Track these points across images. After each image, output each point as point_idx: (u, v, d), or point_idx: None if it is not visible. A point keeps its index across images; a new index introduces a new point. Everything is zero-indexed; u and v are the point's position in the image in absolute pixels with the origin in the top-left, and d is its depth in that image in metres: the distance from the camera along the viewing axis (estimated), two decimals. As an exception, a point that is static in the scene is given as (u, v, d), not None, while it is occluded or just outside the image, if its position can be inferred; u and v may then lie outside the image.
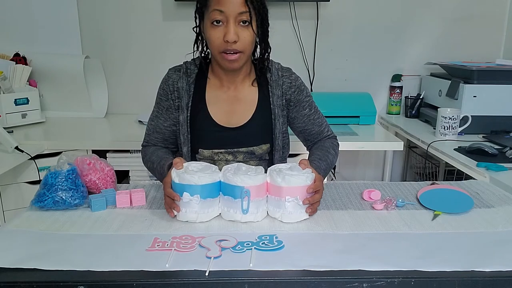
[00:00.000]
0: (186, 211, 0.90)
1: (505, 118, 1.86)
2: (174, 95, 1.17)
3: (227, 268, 0.72)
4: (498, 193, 1.10)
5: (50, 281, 0.69)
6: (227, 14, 1.00)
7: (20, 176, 1.67)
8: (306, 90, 1.22)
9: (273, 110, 1.17)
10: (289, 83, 1.18)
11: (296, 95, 1.19)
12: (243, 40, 1.03)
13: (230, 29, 1.00)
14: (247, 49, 1.05)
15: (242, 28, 1.02)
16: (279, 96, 1.17)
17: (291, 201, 0.89)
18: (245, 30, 1.03)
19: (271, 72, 1.17)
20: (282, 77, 1.18)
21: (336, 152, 1.22)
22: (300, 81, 1.21)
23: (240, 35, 1.02)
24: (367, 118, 2.11)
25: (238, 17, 1.00)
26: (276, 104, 1.17)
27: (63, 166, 0.98)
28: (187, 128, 1.17)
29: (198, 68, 1.18)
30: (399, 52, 2.33)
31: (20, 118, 1.95)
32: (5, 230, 0.88)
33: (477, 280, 0.70)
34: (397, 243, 0.82)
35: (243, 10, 1.00)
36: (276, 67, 1.19)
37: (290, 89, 1.18)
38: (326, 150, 1.18)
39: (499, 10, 2.28)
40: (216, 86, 1.18)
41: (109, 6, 2.21)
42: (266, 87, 1.17)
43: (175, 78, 1.17)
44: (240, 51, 1.04)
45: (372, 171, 2.51)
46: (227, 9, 0.99)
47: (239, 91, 1.17)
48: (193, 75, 1.17)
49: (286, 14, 2.22)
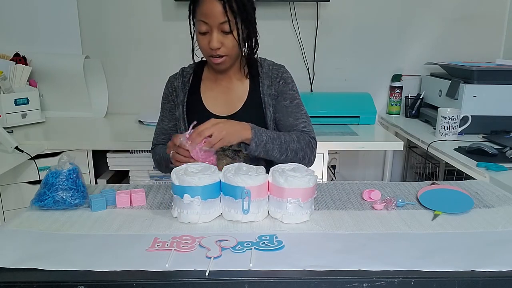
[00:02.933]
0: (187, 212, 0.90)
1: (505, 118, 1.85)
2: (173, 96, 1.28)
3: (227, 268, 0.72)
4: (498, 193, 1.10)
5: (50, 281, 0.69)
6: (210, 24, 1.10)
7: (20, 176, 1.67)
8: (292, 85, 1.26)
9: (263, 98, 1.23)
10: (277, 75, 1.25)
11: (281, 86, 1.24)
12: (226, 46, 1.13)
13: (213, 38, 1.11)
14: (231, 52, 1.14)
15: (225, 35, 1.12)
16: (269, 86, 1.24)
17: (292, 202, 0.89)
18: (228, 37, 1.12)
19: (262, 66, 1.25)
20: (273, 70, 1.25)
21: (301, 142, 1.16)
22: (289, 75, 1.27)
23: (224, 42, 1.12)
24: (367, 118, 2.11)
25: (219, 26, 1.10)
26: (266, 93, 1.23)
27: (64, 166, 0.98)
28: (184, 123, 1.25)
29: (193, 70, 1.28)
30: (399, 52, 2.33)
31: (20, 118, 1.95)
32: (5, 230, 0.88)
33: (477, 280, 0.70)
34: (397, 243, 0.82)
35: (223, 20, 1.09)
36: (268, 63, 1.27)
37: (277, 80, 1.24)
38: (287, 133, 1.17)
39: (499, 10, 2.28)
40: (210, 80, 1.27)
41: (109, 6, 2.21)
42: (257, 79, 1.25)
43: (173, 81, 1.29)
44: (224, 55, 1.14)
45: (372, 171, 2.51)
46: (209, 20, 1.09)
47: (232, 83, 1.25)
48: (188, 75, 1.28)
49: (286, 14, 2.22)
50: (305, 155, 1.17)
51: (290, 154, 1.14)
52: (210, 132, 1.02)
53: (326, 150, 1.81)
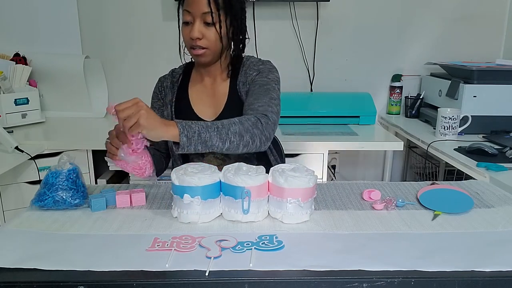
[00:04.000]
0: (187, 212, 0.90)
1: (505, 118, 1.86)
2: (162, 94, 1.28)
3: (227, 268, 0.72)
4: (498, 193, 1.10)
5: (50, 281, 0.69)
6: (193, 14, 1.10)
7: (20, 176, 1.67)
8: (268, 74, 1.19)
9: (241, 98, 1.20)
10: (255, 69, 1.21)
11: (254, 77, 1.20)
12: (207, 38, 1.11)
13: (194, 27, 1.10)
14: (212, 46, 1.12)
15: (207, 27, 1.11)
16: (244, 83, 1.20)
17: (292, 202, 0.89)
18: (210, 29, 1.11)
19: (244, 65, 1.23)
20: (252, 66, 1.21)
21: (245, 123, 1.02)
22: (267, 67, 1.21)
23: (205, 33, 1.11)
24: (367, 118, 2.11)
25: (202, 17, 1.09)
26: (242, 91, 1.20)
27: (64, 166, 0.98)
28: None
29: (182, 71, 1.28)
30: (399, 52, 2.33)
31: (20, 118, 1.95)
32: (5, 230, 0.88)
33: (477, 280, 0.70)
34: (397, 243, 0.82)
35: (206, 11, 1.09)
36: (251, 60, 1.24)
37: (253, 74, 1.20)
38: (226, 120, 1.03)
39: (499, 10, 2.28)
40: (197, 81, 1.25)
41: (109, 6, 2.21)
42: (237, 78, 1.22)
43: (163, 81, 1.29)
44: (205, 47, 1.12)
45: (372, 171, 2.51)
46: (192, 10, 1.10)
47: (217, 85, 1.24)
48: (178, 75, 1.28)
49: (286, 14, 2.22)
50: (254, 136, 1.02)
51: (235, 139, 0.99)
52: (126, 113, 0.89)
53: (326, 150, 1.81)
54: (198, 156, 1.24)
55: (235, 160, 1.21)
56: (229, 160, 1.23)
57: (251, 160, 1.25)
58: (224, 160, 1.23)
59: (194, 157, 1.25)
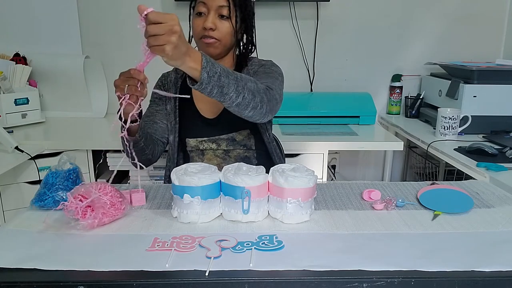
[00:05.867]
0: (187, 212, 0.90)
1: (505, 118, 1.86)
2: (165, 88, 1.30)
3: (227, 268, 0.72)
4: (498, 193, 1.10)
5: (50, 281, 0.69)
6: (209, 6, 1.12)
7: (20, 176, 1.67)
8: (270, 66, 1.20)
9: None
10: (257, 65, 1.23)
11: (258, 68, 1.21)
12: (220, 30, 1.13)
13: (209, 18, 1.12)
14: (224, 38, 1.14)
15: (221, 20, 1.13)
16: None
17: (292, 202, 0.89)
18: (224, 22, 1.13)
19: (247, 65, 1.24)
20: (256, 63, 1.23)
21: (259, 85, 1.01)
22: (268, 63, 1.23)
23: (218, 25, 1.13)
24: (367, 118, 2.11)
25: (218, 9, 1.12)
26: None
27: (64, 166, 0.98)
28: (174, 118, 1.25)
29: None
30: (399, 52, 2.33)
31: (20, 118, 1.95)
32: (5, 230, 0.88)
33: (477, 280, 0.70)
34: (397, 243, 0.82)
35: (223, 4, 1.11)
36: (254, 61, 1.25)
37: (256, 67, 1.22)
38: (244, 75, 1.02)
39: (499, 10, 2.28)
40: None
41: (109, 6, 2.21)
42: None
43: (166, 75, 1.32)
44: (217, 39, 1.13)
45: (372, 171, 2.51)
46: (208, 2, 1.12)
47: None
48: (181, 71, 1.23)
49: (286, 14, 2.22)
50: (262, 101, 1.00)
51: (248, 96, 0.96)
52: (157, 30, 0.88)
53: (326, 150, 1.81)
54: (198, 154, 1.24)
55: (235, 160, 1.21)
56: (229, 159, 1.23)
57: (251, 160, 1.25)
58: (224, 159, 1.23)
59: (194, 155, 1.25)
